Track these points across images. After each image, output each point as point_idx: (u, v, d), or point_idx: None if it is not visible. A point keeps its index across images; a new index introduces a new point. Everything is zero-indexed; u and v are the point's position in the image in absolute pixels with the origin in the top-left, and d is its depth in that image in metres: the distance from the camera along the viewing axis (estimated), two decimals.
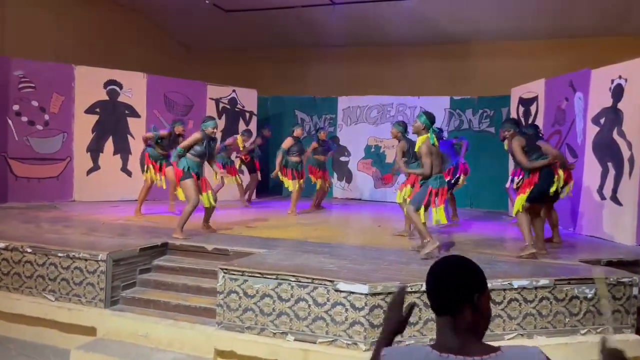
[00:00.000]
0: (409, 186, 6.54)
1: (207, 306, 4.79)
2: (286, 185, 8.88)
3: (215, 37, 13.17)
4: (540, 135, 6.57)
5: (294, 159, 8.61)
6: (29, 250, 5.21)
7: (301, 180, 8.71)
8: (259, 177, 10.35)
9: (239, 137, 9.54)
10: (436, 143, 5.42)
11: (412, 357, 1.45)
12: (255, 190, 10.55)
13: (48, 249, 5.16)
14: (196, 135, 6.38)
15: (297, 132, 8.75)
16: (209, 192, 6.43)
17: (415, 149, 5.57)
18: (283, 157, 8.57)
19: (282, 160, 8.57)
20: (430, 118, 5.46)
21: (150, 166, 7.77)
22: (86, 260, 5.00)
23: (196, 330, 4.59)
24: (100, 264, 4.95)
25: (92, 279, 4.98)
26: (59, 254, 5.10)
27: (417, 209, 5.32)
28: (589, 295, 4.55)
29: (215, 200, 6.54)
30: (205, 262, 5.41)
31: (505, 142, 6.02)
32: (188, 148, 6.30)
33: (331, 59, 12.71)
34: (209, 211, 6.61)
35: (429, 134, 5.38)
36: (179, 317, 4.79)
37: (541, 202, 5.82)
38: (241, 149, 9.56)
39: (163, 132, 7.83)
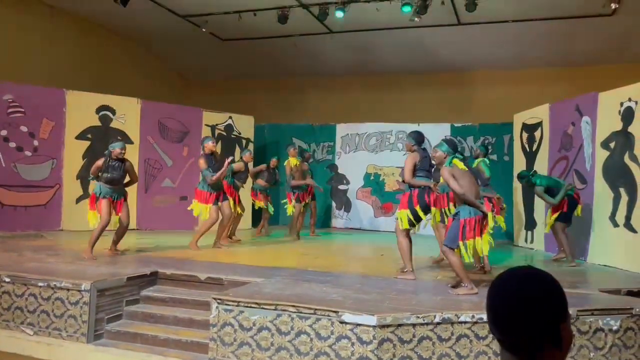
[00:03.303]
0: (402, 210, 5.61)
1: (199, 340, 4.44)
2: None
3: (212, 66, 13.04)
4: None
5: (238, 183, 8.34)
6: (7, 279, 4.84)
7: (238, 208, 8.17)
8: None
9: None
10: (461, 166, 4.97)
11: None
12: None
13: (27, 278, 4.79)
14: (98, 162, 6.21)
15: (246, 157, 8.54)
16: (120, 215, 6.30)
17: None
18: (227, 175, 7.84)
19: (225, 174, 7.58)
20: (452, 145, 5.10)
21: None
22: (68, 290, 4.63)
23: None
24: (83, 294, 4.59)
25: (74, 311, 4.60)
26: (40, 284, 4.73)
27: (453, 248, 4.76)
28: (615, 328, 4.20)
29: (126, 225, 6.40)
30: (197, 293, 5.06)
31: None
32: (96, 175, 6.16)
33: (329, 86, 12.57)
34: (119, 234, 6.46)
35: (446, 163, 5.00)
36: (169, 352, 4.44)
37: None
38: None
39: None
